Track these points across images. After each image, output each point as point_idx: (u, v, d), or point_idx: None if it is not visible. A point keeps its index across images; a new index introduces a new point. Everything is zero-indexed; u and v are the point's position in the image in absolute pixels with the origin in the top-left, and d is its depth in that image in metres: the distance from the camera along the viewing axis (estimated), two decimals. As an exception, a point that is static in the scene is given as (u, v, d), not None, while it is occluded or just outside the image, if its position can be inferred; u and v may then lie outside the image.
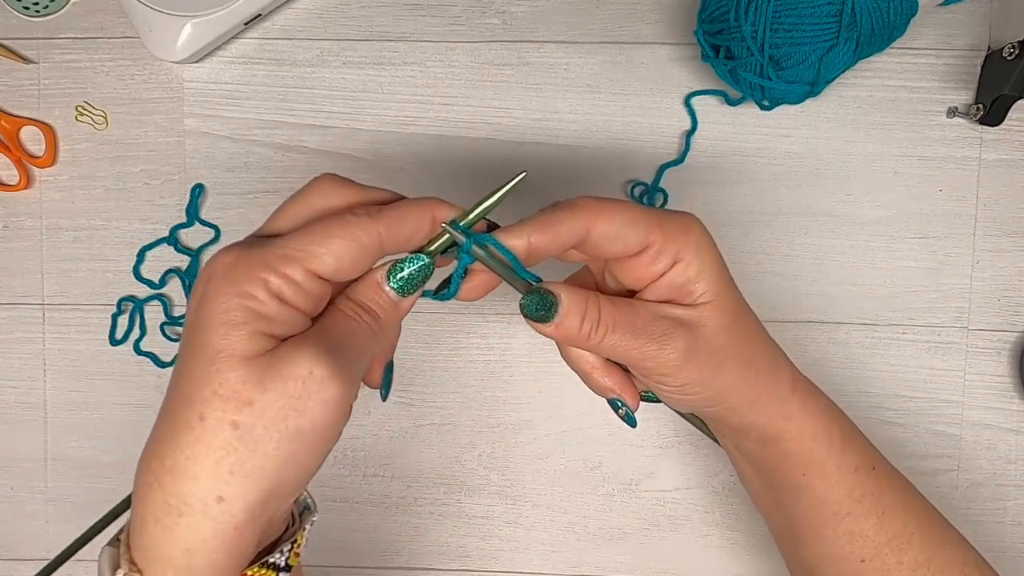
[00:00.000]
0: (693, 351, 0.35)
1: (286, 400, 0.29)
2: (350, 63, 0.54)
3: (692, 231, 0.35)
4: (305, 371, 0.30)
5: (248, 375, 0.29)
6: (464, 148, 0.54)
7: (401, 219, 0.33)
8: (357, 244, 0.31)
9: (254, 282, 0.30)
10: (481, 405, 0.56)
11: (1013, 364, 0.54)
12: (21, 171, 0.55)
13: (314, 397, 0.30)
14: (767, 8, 0.45)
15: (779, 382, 0.38)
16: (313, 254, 0.31)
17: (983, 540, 0.54)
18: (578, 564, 0.56)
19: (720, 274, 0.36)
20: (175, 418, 0.30)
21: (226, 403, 0.29)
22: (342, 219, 0.32)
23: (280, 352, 0.30)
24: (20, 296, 0.56)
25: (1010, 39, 0.49)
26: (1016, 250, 0.54)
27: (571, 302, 0.34)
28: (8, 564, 0.57)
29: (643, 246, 0.34)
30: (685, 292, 0.35)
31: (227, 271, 0.30)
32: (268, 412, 0.29)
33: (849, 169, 0.54)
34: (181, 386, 0.30)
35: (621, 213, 0.34)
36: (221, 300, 0.30)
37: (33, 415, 0.56)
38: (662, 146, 0.54)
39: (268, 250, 0.31)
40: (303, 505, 0.37)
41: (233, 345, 0.29)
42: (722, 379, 0.36)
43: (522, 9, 0.54)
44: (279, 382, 0.29)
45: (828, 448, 0.38)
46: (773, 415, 0.38)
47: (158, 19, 0.51)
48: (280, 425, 0.29)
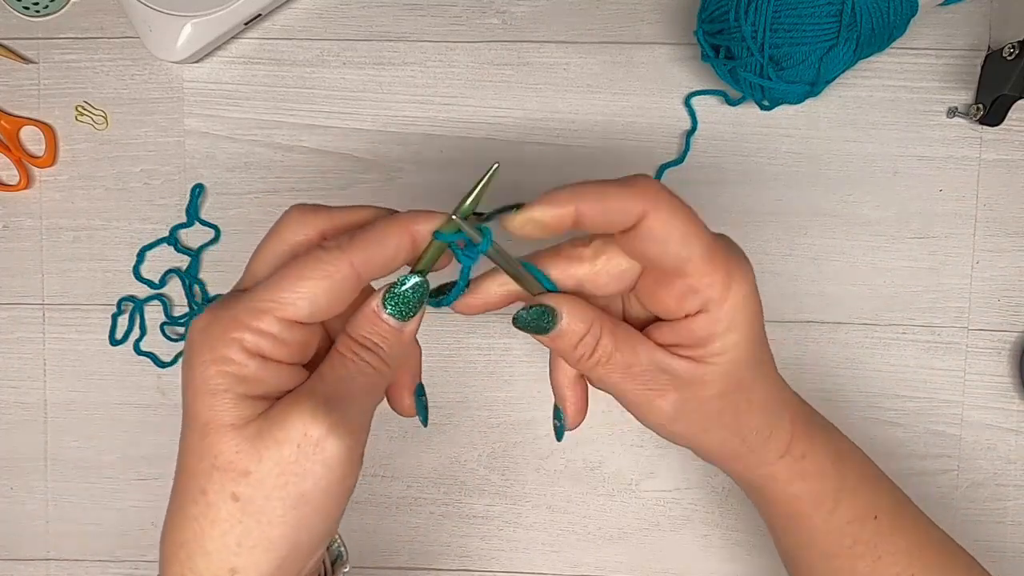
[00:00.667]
0: (681, 412, 0.33)
1: (283, 467, 0.28)
2: (350, 63, 0.54)
3: (736, 284, 0.31)
4: (299, 434, 0.28)
5: (240, 445, 0.28)
6: (464, 148, 0.54)
7: (376, 243, 0.30)
8: (330, 281, 0.29)
9: (229, 344, 0.28)
10: (481, 405, 0.56)
11: (1013, 364, 0.54)
12: (21, 171, 0.55)
13: (312, 459, 0.28)
14: (767, 8, 0.45)
15: (766, 451, 0.36)
16: (285, 301, 0.29)
17: (983, 540, 0.55)
18: (578, 564, 0.56)
19: (745, 341, 0.32)
20: (182, 491, 0.29)
21: (224, 475, 0.28)
22: (311, 256, 0.29)
23: (272, 415, 0.29)
24: (20, 296, 0.56)
25: (1010, 39, 0.49)
26: (1016, 250, 0.54)
27: (572, 322, 0.32)
28: (8, 564, 0.57)
29: (681, 266, 0.31)
30: (700, 344, 0.32)
31: (202, 336, 0.29)
32: (267, 481, 0.28)
33: (849, 169, 0.54)
34: (183, 458, 0.30)
35: (683, 217, 0.30)
36: (200, 369, 0.28)
37: (33, 415, 0.56)
38: (662, 146, 0.54)
39: (240, 305, 0.29)
40: (335, 554, 0.36)
41: (219, 416, 0.28)
42: (704, 440, 0.35)
43: (522, 9, 0.54)
44: (273, 449, 0.28)
45: (815, 507, 0.37)
46: (752, 472, 0.37)
47: (158, 19, 0.51)
48: (281, 492, 0.28)
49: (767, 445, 0.36)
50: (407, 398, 0.35)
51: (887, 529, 0.38)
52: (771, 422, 0.36)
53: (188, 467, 0.29)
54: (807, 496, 0.37)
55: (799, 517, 0.38)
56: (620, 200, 0.30)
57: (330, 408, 0.29)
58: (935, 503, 0.55)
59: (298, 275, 0.29)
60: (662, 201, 0.30)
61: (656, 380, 0.33)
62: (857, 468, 0.39)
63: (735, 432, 0.35)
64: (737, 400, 0.34)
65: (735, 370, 0.33)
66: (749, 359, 0.33)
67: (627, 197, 0.30)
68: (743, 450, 0.35)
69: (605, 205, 0.30)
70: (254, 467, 0.28)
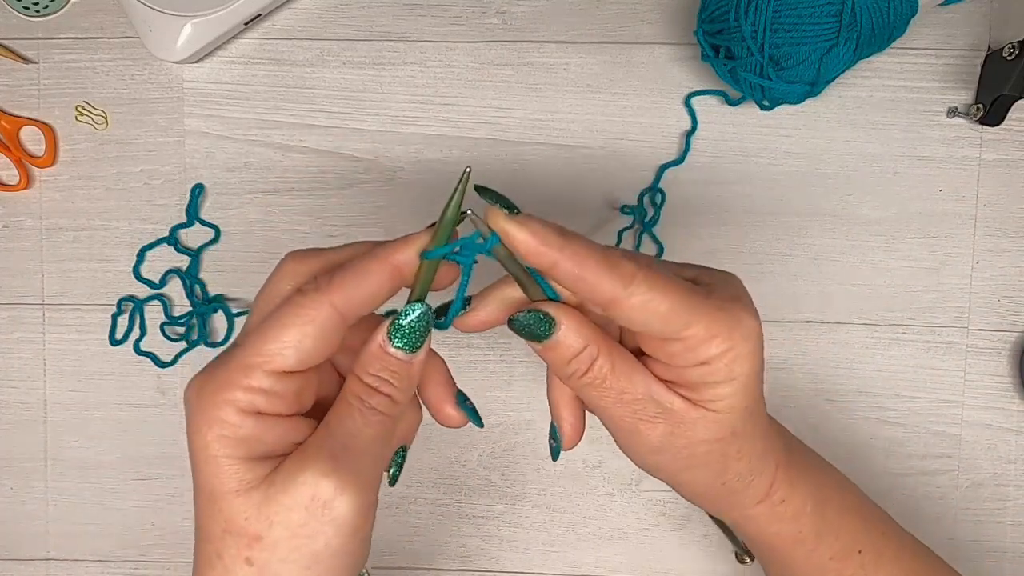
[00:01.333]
0: (668, 446, 0.32)
1: (293, 530, 0.28)
2: (350, 63, 0.54)
3: (738, 343, 0.30)
4: (307, 497, 0.28)
5: (248, 511, 0.28)
6: (464, 148, 0.54)
7: (355, 281, 0.29)
8: (313, 326, 0.28)
9: (222, 406, 0.28)
10: (481, 405, 0.55)
11: (1013, 364, 0.54)
12: (21, 171, 0.55)
13: (322, 520, 0.28)
14: (767, 8, 0.45)
15: (745, 496, 0.35)
16: (271, 353, 0.28)
17: (983, 540, 0.55)
18: (578, 564, 0.56)
19: (746, 389, 0.31)
20: (200, 554, 0.29)
21: (237, 540, 0.28)
22: (291, 303, 0.29)
23: (279, 478, 0.28)
24: (20, 296, 0.56)
25: (1010, 39, 0.49)
26: (1016, 250, 0.54)
27: (569, 335, 0.31)
28: (8, 564, 0.57)
29: (674, 336, 0.30)
30: (696, 389, 0.31)
31: (196, 401, 0.28)
32: (280, 545, 0.28)
33: (849, 169, 0.54)
34: (197, 519, 0.30)
35: (656, 304, 0.29)
36: (198, 436, 0.28)
37: (33, 415, 0.56)
38: (662, 146, 0.54)
39: (231, 363, 0.29)
40: None
41: (224, 483, 0.28)
42: (685, 478, 0.34)
43: (522, 9, 0.54)
44: (282, 514, 0.28)
45: (794, 546, 0.37)
46: (730, 515, 0.37)
47: (158, 19, 0.51)
48: (295, 555, 0.28)
49: (747, 491, 0.35)
50: (450, 409, 0.34)
51: (872, 563, 0.38)
52: (755, 468, 0.35)
53: (203, 529, 0.29)
54: (787, 535, 0.37)
55: (779, 553, 0.37)
56: (600, 280, 0.29)
57: (338, 465, 0.28)
58: (935, 503, 0.55)
59: (281, 324, 0.28)
60: (639, 288, 0.29)
61: (648, 411, 0.32)
62: (839, 504, 0.38)
63: (718, 475, 0.34)
64: (727, 448, 0.33)
65: (730, 420, 0.32)
66: (745, 409, 0.32)
67: (607, 280, 0.29)
68: (722, 492, 0.35)
69: (583, 276, 0.29)
70: (265, 532, 0.28)
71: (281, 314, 0.29)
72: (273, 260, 0.58)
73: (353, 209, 0.55)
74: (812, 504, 0.37)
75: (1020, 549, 0.55)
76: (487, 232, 0.29)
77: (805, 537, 0.37)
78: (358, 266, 0.29)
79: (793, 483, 0.36)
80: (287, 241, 0.55)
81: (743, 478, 0.34)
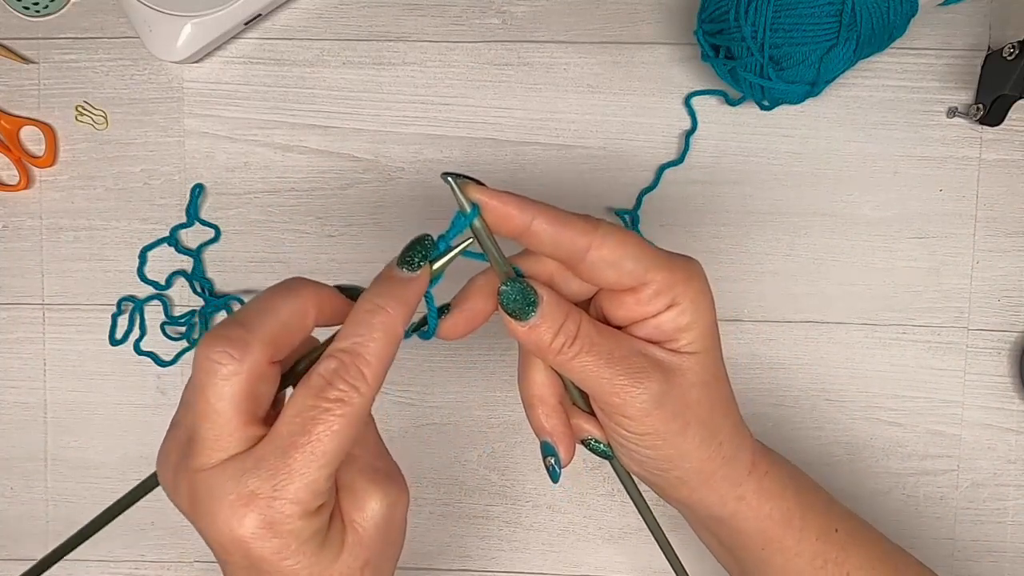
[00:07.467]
0: (664, 399, 0.33)
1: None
2: (350, 63, 0.54)
3: (695, 279, 0.34)
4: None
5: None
6: (464, 148, 0.54)
7: (276, 337, 0.30)
8: (241, 393, 0.29)
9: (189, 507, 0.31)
10: (481, 405, 0.56)
11: (1013, 364, 0.54)
12: (21, 171, 0.55)
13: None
14: (767, 8, 0.45)
15: (737, 463, 0.36)
16: (204, 439, 0.31)
17: (983, 540, 0.55)
18: (578, 564, 0.56)
19: (711, 330, 0.34)
20: None
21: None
22: (209, 375, 0.29)
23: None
24: (20, 296, 0.56)
25: (1010, 39, 0.49)
26: (1016, 250, 0.54)
27: (552, 307, 0.33)
28: (8, 564, 0.57)
29: (639, 283, 0.33)
30: (672, 338, 0.34)
31: (190, 512, 0.32)
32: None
33: (849, 169, 0.54)
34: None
35: (625, 246, 0.32)
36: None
37: (33, 415, 0.56)
38: (662, 146, 0.54)
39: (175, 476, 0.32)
40: None
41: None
42: (684, 441, 0.34)
43: (522, 9, 0.54)
44: None
45: (785, 526, 0.37)
46: (725, 495, 0.36)
47: (158, 19, 0.51)
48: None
49: (738, 456, 0.36)
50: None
51: (848, 540, 0.39)
52: (740, 424, 0.37)
53: None
54: (778, 515, 0.37)
55: (771, 543, 0.38)
56: (574, 231, 0.31)
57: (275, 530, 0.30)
58: (935, 503, 0.55)
59: (207, 403, 0.30)
60: (609, 232, 0.32)
61: (639, 363, 0.33)
62: (808, 480, 0.40)
63: (713, 433, 0.35)
64: (713, 393, 0.35)
65: (710, 360, 0.34)
66: (717, 350, 0.35)
67: (580, 230, 0.31)
68: (717, 460, 0.35)
69: (560, 230, 0.31)
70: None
71: (204, 391, 0.30)
72: (273, 260, 0.58)
73: (353, 209, 0.55)
74: (789, 477, 0.38)
75: (1020, 549, 0.55)
76: (467, 206, 0.31)
77: (792, 515, 0.37)
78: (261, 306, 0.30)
79: (768, 454, 0.38)
80: (287, 241, 0.55)
81: (732, 440, 0.36)
